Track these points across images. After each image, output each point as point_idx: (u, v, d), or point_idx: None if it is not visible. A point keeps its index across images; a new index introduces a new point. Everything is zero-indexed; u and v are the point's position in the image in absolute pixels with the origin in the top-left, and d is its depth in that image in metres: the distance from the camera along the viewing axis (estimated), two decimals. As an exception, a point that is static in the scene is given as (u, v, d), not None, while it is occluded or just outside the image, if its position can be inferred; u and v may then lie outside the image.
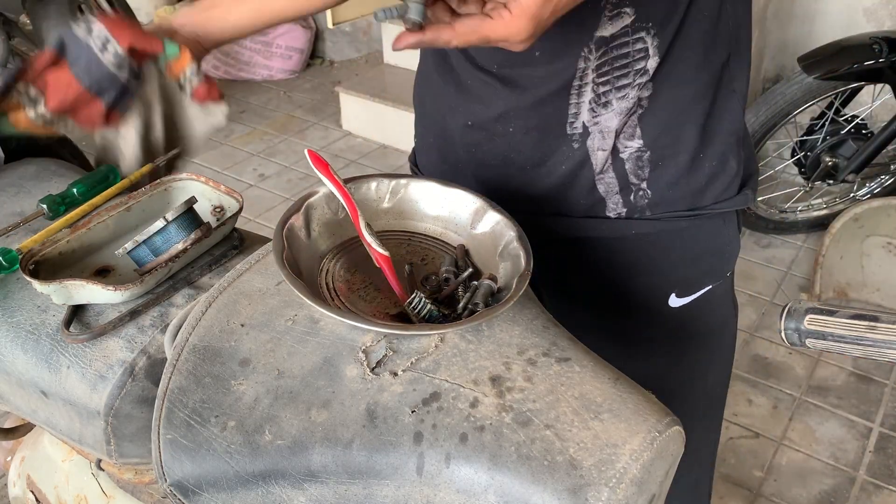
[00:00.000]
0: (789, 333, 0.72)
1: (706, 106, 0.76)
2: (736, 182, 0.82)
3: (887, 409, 1.88)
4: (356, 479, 0.54)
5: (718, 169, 0.79)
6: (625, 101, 0.74)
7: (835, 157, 2.26)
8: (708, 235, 0.83)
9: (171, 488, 0.59)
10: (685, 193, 0.79)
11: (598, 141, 0.76)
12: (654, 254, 0.82)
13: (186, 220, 0.76)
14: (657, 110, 0.75)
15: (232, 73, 3.66)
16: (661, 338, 0.87)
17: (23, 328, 0.74)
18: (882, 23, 2.39)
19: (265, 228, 2.57)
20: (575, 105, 0.75)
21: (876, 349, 0.66)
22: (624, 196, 0.78)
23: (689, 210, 0.80)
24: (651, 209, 0.79)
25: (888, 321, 0.64)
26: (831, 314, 0.68)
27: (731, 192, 0.82)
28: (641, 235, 0.80)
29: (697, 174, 0.78)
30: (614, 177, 0.77)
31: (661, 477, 0.53)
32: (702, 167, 0.78)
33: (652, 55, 0.72)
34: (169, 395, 0.60)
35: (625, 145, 0.76)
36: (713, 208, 0.81)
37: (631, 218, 0.79)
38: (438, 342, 0.59)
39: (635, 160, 0.77)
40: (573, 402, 0.53)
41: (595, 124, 0.75)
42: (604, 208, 0.79)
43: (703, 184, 0.79)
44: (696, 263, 0.84)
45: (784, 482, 1.70)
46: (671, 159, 0.77)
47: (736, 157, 0.81)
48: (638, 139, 0.76)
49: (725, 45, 0.75)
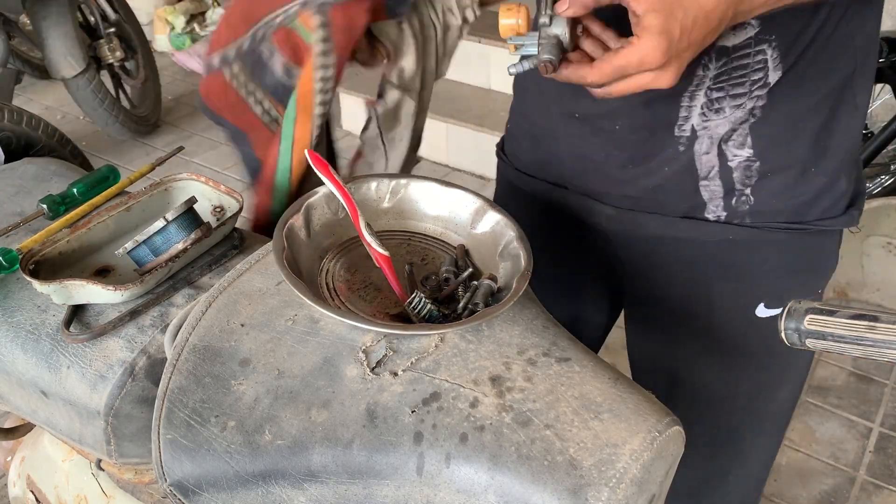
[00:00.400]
0: (789, 333, 0.72)
1: (823, 120, 0.74)
2: (844, 201, 0.79)
3: (887, 409, 1.88)
4: (356, 479, 0.54)
5: (828, 186, 0.77)
6: (739, 110, 0.72)
7: (835, 157, 2.26)
8: (807, 250, 0.80)
9: (171, 488, 0.59)
10: (789, 206, 0.77)
11: (706, 145, 0.74)
12: (749, 261, 0.80)
13: (186, 220, 0.76)
14: (770, 121, 0.73)
15: (232, 73, 3.65)
16: (742, 347, 0.85)
17: (23, 328, 0.74)
18: (882, 23, 2.39)
19: (265, 228, 2.57)
20: (686, 108, 0.73)
21: (876, 349, 0.65)
22: (726, 200, 0.77)
23: (790, 222, 0.77)
24: (751, 216, 0.77)
25: (888, 321, 0.64)
26: (831, 314, 0.68)
27: (838, 211, 0.79)
28: (738, 242, 0.78)
29: (805, 188, 0.76)
30: (720, 184, 0.76)
31: (661, 477, 0.53)
32: (811, 182, 0.76)
33: (773, 68, 0.70)
34: (169, 395, 0.60)
35: (734, 153, 0.74)
36: (816, 224, 0.78)
37: (730, 223, 0.78)
38: (438, 342, 0.59)
39: (744, 169, 0.75)
40: (573, 401, 0.53)
41: (704, 129, 0.74)
42: (703, 211, 0.78)
43: (810, 198, 0.77)
44: (789, 277, 0.81)
45: (784, 482, 1.70)
46: (780, 171, 0.75)
47: (847, 176, 0.78)
48: (748, 148, 0.74)
49: (851, 60, 0.73)
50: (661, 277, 0.84)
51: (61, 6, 2.63)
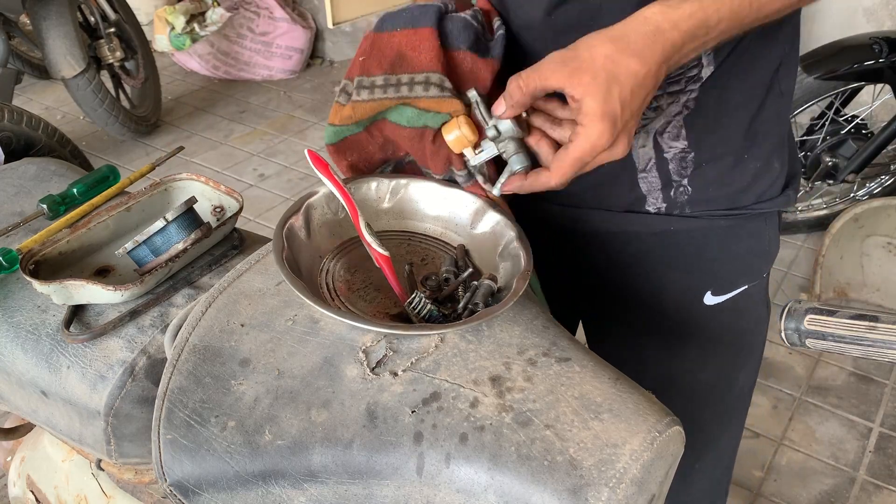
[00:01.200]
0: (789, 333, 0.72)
1: (753, 108, 0.76)
2: (779, 182, 0.81)
3: (887, 409, 1.88)
4: (356, 479, 0.54)
5: (762, 169, 0.79)
6: (675, 105, 0.74)
7: (835, 157, 2.26)
8: (748, 235, 0.82)
9: (171, 488, 0.59)
10: (727, 192, 0.78)
11: (642, 139, 0.76)
12: (692, 251, 0.81)
13: (186, 220, 0.76)
14: (703, 112, 0.74)
15: (232, 73, 3.66)
16: (694, 335, 0.86)
17: (23, 328, 0.74)
18: (882, 23, 2.39)
19: (265, 228, 2.57)
20: None
21: (876, 349, 0.65)
22: (665, 192, 0.78)
23: (729, 209, 0.79)
24: (691, 206, 0.79)
25: (888, 321, 0.64)
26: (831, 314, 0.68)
27: (774, 193, 0.81)
28: (680, 232, 0.80)
29: (741, 174, 0.78)
30: (657, 176, 0.77)
31: (661, 477, 0.53)
32: (746, 168, 0.78)
33: (706, 63, 0.71)
34: (169, 395, 0.60)
35: (669, 145, 0.76)
36: (754, 208, 0.80)
37: (671, 214, 0.79)
38: (438, 342, 0.59)
39: (679, 160, 0.76)
40: (573, 402, 0.53)
41: (642, 126, 0.75)
42: (643, 204, 0.79)
43: (746, 184, 0.78)
44: (733, 262, 0.83)
45: (784, 482, 1.70)
46: (715, 160, 0.77)
47: (780, 158, 0.80)
48: (683, 140, 0.75)
49: (779, 50, 0.75)
50: (610, 272, 0.85)
51: (61, 6, 2.63)
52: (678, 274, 0.83)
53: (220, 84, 3.66)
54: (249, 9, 3.64)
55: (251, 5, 3.64)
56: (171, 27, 3.70)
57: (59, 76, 2.70)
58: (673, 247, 0.81)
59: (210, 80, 3.69)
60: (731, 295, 0.84)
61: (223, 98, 3.52)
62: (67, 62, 2.66)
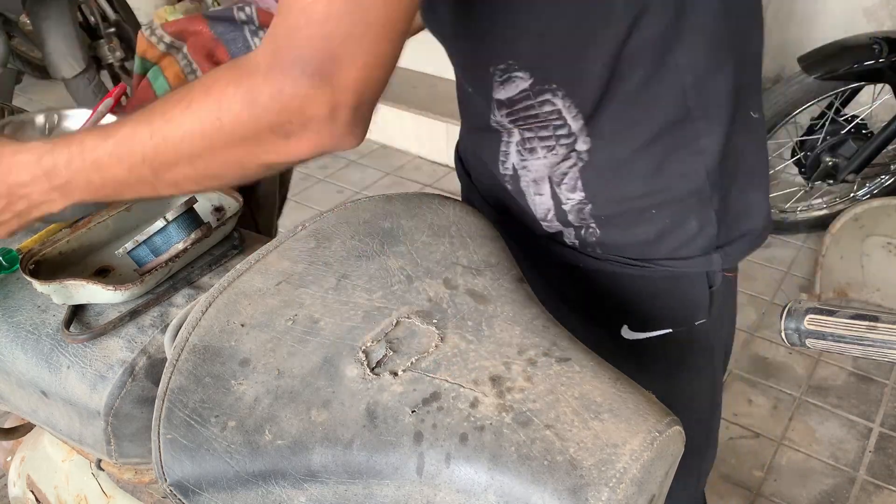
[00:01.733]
0: (789, 333, 0.72)
1: (652, 163, 0.70)
2: (698, 242, 0.75)
3: (887, 409, 1.88)
4: (356, 479, 0.54)
5: (672, 227, 0.74)
6: (553, 154, 0.71)
7: (835, 157, 2.26)
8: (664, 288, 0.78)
9: (171, 488, 0.59)
10: (633, 242, 0.75)
11: (533, 187, 0.74)
12: (605, 288, 0.79)
13: (186, 220, 0.76)
14: (595, 165, 0.71)
15: (232, 73, 3.65)
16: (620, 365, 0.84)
17: (23, 328, 0.74)
18: (882, 23, 2.39)
19: (265, 228, 2.57)
20: (505, 144, 0.74)
21: (876, 349, 0.66)
22: (575, 230, 0.76)
23: (637, 259, 0.75)
24: (601, 247, 0.76)
25: (888, 321, 0.64)
26: (831, 314, 0.68)
27: (691, 252, 0.75)
28: (590, 270, 0.77)
29: (646, 227, 0.74)
30: (559, 224, 0.76)
31: (661, 477, 0.53)
32: (650, 221, 0.74)
33: (571, 117, 0.68)
34: (169, 395, 0.60)
35: (567, 196, 0.74)
36: (666, 264, 0.75)
37: (584, 252, 0.77)
38: (438, 342, 0.59)
39: (577, 212, 0.74)
40: (573, 402, 0.53)
41: (524, 168, 0.73)
42: (562, 236, 0.78)
43: (653, 238, 0.74)
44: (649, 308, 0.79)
45: (784, 482, 1.70)
46: (616, 214, 0.74)
47: (698, 218, 0.74)
48: (580, 191, 0.73)
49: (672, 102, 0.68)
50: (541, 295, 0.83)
51: (61, 6, 2.63)
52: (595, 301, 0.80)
53: (220, 84, 3.65)
54: (249, 9, 3.63)
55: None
56: (171, 27, 3.69)
57: (59, 76, 2.70)
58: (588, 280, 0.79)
59: (210, 80, 3.68)
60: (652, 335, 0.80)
61: (223, 98, 3.51)
62: (67, 62, 2.66)
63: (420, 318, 0.62)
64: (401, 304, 0.63)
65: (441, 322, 0.61)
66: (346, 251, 0.69)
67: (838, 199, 2.45)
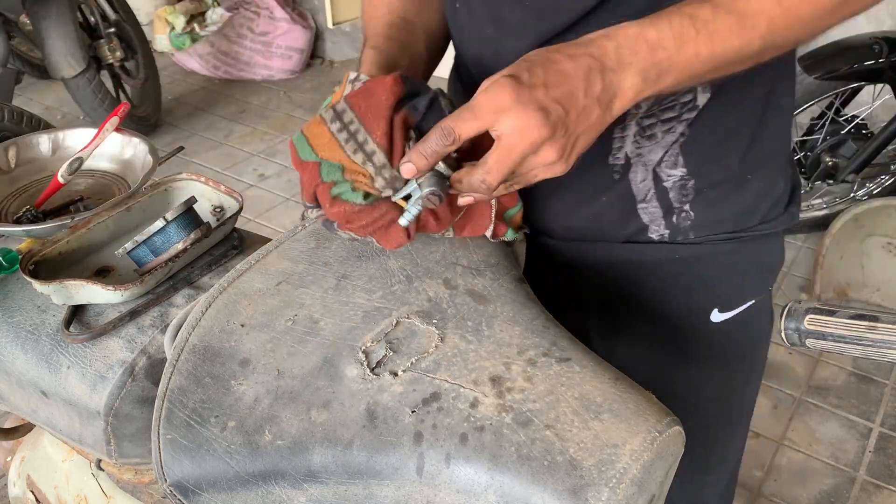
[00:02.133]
0: (789, 333, 0.72)
1: (752, 129, 0.74)
2: (783, 200, 0.79)
3: (887, 409, 1.88)
4: (356, 479, 0.54)
5: (766, 190, 0.77)
6: (670, 133, 0.71)
7: (835, 157, 2.26)
8: (753, 254, 0.80)
9: (171, 488, 0.59)
10: (730, 216, 0.76)
11: (641, 173, 0.74)
12: (697, 273, 0.79)
13: (186, 220, 0.76)
14: (700, 138, 0.72)
15: (232, 73, 3.66)
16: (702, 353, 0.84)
17: (23, 328, 0.74)
18: (882, 23, 2.39)
19: (265, 228, 2.57)
20: (619, 139, 0.72)
21: (876, 349, 0.65)
22: (667, 219, 0.76)
23: (733, 232, 0.77)
24: (695, 231, 0.76)
25: (888, 321, 0.64)
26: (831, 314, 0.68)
27: (778, 212, 0.79)
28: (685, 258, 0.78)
29: (744, 196, 0.76)
30: (658, 205, 0.75)
31: (661, 477, 0.53)
32: (748, 189, 0.76)
33: (701, 90, 0.69)
34: (169, 395, 0.60)
35: (668, 174, 0.73)
36: (758, 229, 0.78)
37: (674, 242, 0.77)
38: (438, 342, 0.59)
39: (679, 188, 0.74)
40: (573, 402, 0.53)
41: (638, 156, 0.73)
42: (646, 232, 0.77)
43: (750, 206, 0.76)
44: (739, 280, 0.81)
45: (784, 482, 1.70)
46: (716, 185, 0.74)
47: (783, 176, 0.78)
48: (681, 167, 0.73)
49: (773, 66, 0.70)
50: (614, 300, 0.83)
51: (61, 6, 2.63)
52: (683, 295, 0.81)
53: (220, 84, 3.66)
54: (249, 9, 3.64)
55: (251, 5, 3.64)
56: (171, 27, 3.70)
57: (59, 76, 2.70)
58: (677, 270, 0.79)
59: (210, 80, 3.69)
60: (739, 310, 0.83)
61: (223, 98, 3.52)
62: (67, 62, 2.66)
63: (420, 319, 0.62)
64: (401, 304, 0.63)
65: (441, 322, 0.61)
66: (346, 251, 0.69)
67: (838, 199, 2.45)
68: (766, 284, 0.85)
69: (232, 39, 3.63)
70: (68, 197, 0.91)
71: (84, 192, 0.92)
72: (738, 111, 0.72)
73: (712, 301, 0.81)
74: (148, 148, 0.92)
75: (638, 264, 0.79)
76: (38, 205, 0.88)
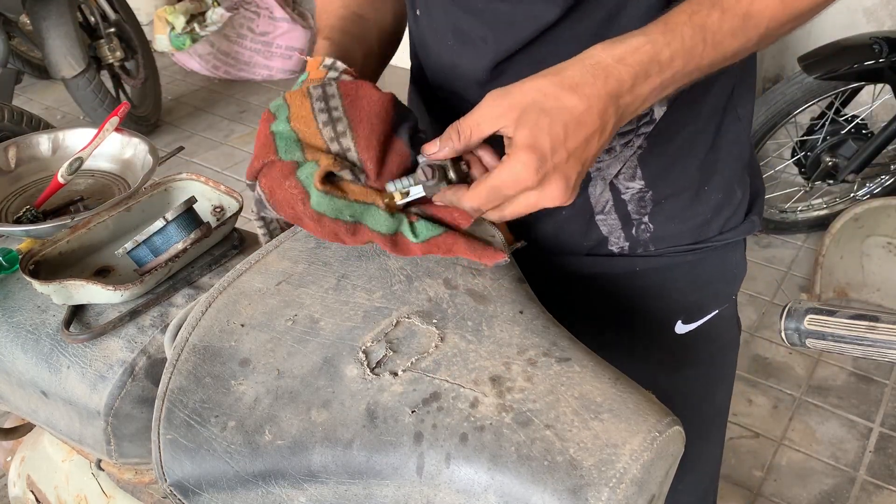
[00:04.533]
0: (789, 333, 0.72)
1: (709, 138, 0.73)
2: (741, 209, 0.79)
3: (887, 409, 1.88)
4: (356, 479, 0.54)
5: (724, 200, 0.76)
6: (628, 147, 0.71)
7: (835, 157, 2.26)
8: (714, 264, 0.80)
9: (171, 488, 0.59)
10: (689, 227, 0.76)
11: (600, 185, 0.73)
12: (659, 285, 0.79)
13: (186, 220, 0.76)
14: (657, 150, 0.71)
15: (232, 73, 3.66)
16: (668, 363, 0.84)
17: (23, 328, 0.74)
18: (882, 23, 2.39)
19: (265, 228, 2.56)
20: None
21: (876, 349, 0.66)
22: (626, 231, 0.76)
23: (692, 243, 0.77)
24: (654, 243, 0.76)
25: (888, 321, 0.64)
26: (831, 314, 0.68)
27: (737, 221, 0.79)
28: (646, 270, 0.78)
29: (701, 207, 0.75)
30: (616, 217, 0.75)
31: (661, 477, 0.53)
32: (706, 200, 0.75)
33: (659, 104, 0.68)
34: (169, 395, 0.60)
35: (626, 186, 0.73)
36: (718, 239, 0.78)
37: (634, 254, 0.77)
38: (438, 342, 0.59)
39: (637, 200, 0.74)
40: (573, 402, 0.53)
41: (597, 170, 0.73)
42: (606, 245, 0.77)
43: (708, 217, 0.76)
44: (702, 291, 0.81)
45: (784, 482, 1.70)
46: (673, 196, 0.74)
47: (741, 185, 0.78)
48: (639, 180, 0.73)
49: (732, 74, 0.71)
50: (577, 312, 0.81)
51: (61, 6, 2.63)
52: (646, 307, 0.80)
53: (220, 84, 3.66)
54: (249, 9, 3.64)
55: (251, 5, 3.64)
56: (171, 27, 3.69)
57: (59, 76, 2.70)
58: (640, 283, 0.79)
59: (210, 80, 3.69)
60: (703, 321, 0.83)
61: (223, 98, 3.52)
62: (67, 62, 2.66)
63: (420, 318, 0.62)
64: (401, 304, 0.63)
65: (441, 322, 0.61)
66: (346, 251, 0.69)
67: (838, 199, 2.45)
68: (730, 294, 0.84)
69: (232, 39, 3.63)
70: (68, 197, 0.91)
71: (84, 192, 0.92)
72: (695, 122, 0.71)
73: (676, 312, 0.81)
74: (148, 148, 0.92)
75: (600, 276, 0.78)
76: (38, 205, 0.88)
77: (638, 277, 0.78)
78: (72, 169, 0.88)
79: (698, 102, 0.70)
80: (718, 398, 0.92)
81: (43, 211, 0.88)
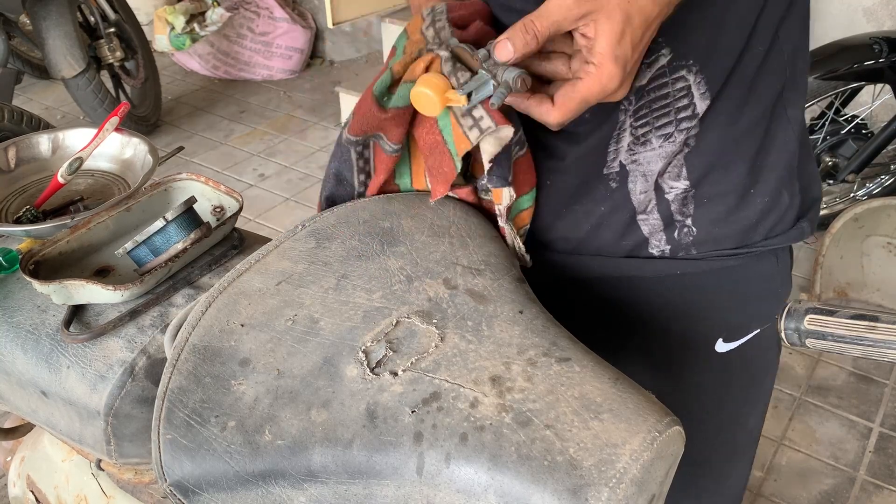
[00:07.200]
0: (789, 333, 0.72)
1: (757, 140, 0.71)
2: (790, 215, 0.76)
3: (887, 409, 1.88)
4: (356, 479, 0.54)
5: (770, 205, 0.74)
6: (668, 142, 0.69)
7: (835, 157, 2.26)
8: (758, 276, 0.77)
9: (171, 488, 0.59)
10: (733, 231, 0.74)
11: (641, 184, 0.72)
12: (700, 296, 0.77)
13: (186, 219, 0.76)
14: (704, 149, 0.70)
15: (232, 73, 3.66)
16: (706, 383, 0.82)
17: (23, 328, 0.74)
18: (882, 23, 2.39)
19: (265, 228, 2.57)
20: (613, 151, 0.71)
21: (876, 349, 0.66)
22: (668, 233, 0.74)
23: (737, 248, 0.74)
24: (696, 247, 0.74)
25: (888, 321, 0.64)
26: (831, 314, 0.68)
27: (785, 227, 0.75)
28: (687, 275, 0.75)
29: (747, 211, 0.73)
30: (658, 217, 0.73)
31: (661, 477, 0.53)
32: (752, 203, 0.73)
33: (699, 96, 0.67)
34: (169, 395, 0.60)
35: (670, 185, 0.71)
36: (763, 245, 0.75)
37: (675, 258, 0.74)
38: (438, 342, 0.59)
39: (681, 200, 0.72)
40: (573, 402, 0.53)
41: (635, 163, 0.71)
42: (647, 247, 0.75)
43: (754, 221, 0.74)
44: (745, 307, 0.78)
45: (784, 482, 1.70)
46: (718, 198, 0.72)
47: (790, 190, 0.75)
48: (684, 179, 0.71)
49: (780, 73, 0.69)
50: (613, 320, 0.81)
51: (61, 6, 2.63)
52: (688, 321, 0.78)
53: (220, 84, 3.66)
54: (249, 9, 3.64)
55: (251, 5, 3.64)
56: (171, 27, 3.70)
57: (59, 76, 2.70)
58: (680, 293, 0.77)
59: (210, 80, 3.69)
60: (744, 340, 0.80)
61: (223, 98, 3.52)
62: (67, 62, 2.66)
63: (420, 318, 0.62)
64: (401, 304, 0.63)
65: (441, 322, 0.61)
66: (346, 251, 0.69)
67: (838, 199, 2.45)
68: (773, 312, 0.81)
69: (232, 39, 3.63)
70: (68, 197, 0.91)
71: (84, 192, 0.92)
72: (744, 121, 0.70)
73: (718, 329, 0.78)
74: (148, 148, 0.92)
75: (639, 281, 0.76)
76: (38, 205, 0.88)
77: (678, 284, 0.76)
78: (72, 169, 0.88)
79: (746, 103, 0.69)
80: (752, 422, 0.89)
81: (43, 211, 0.88)
